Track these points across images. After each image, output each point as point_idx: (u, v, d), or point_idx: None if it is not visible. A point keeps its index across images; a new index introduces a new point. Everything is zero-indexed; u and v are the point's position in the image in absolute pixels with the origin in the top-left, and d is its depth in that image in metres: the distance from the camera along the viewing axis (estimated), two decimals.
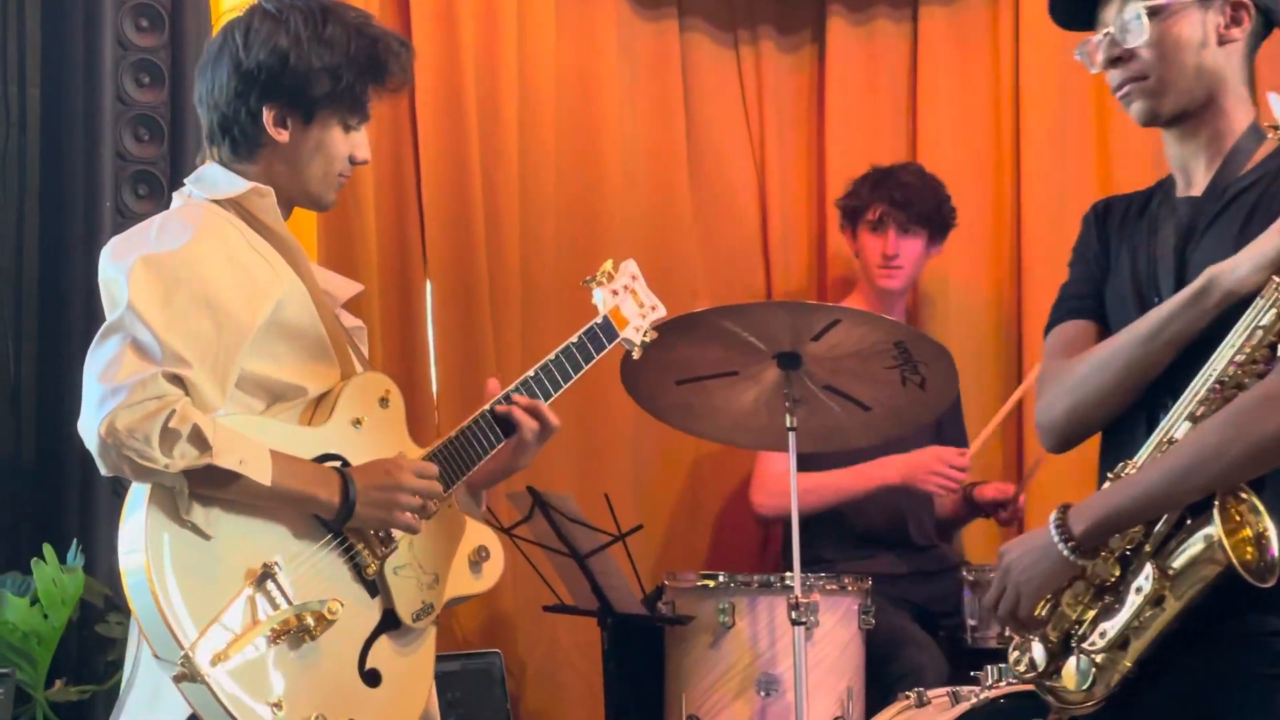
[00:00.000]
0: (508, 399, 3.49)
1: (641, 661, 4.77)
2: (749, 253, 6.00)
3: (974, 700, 4.26)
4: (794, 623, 4.37)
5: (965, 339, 5.70)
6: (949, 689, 4.36)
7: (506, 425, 3.48)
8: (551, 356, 3.59)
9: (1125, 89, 2.95)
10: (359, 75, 3.25)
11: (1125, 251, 3.01)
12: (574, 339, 3.65)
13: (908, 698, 4.42)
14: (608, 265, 3.80)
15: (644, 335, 3.81)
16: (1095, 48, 2.97)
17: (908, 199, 5.33)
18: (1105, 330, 2.98)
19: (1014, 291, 5.86)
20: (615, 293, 3.79)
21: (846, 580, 4.67)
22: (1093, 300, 3.04)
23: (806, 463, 5.02)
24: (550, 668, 5.45)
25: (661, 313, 3.88)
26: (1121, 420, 2.90)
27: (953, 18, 5.98)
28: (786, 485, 4.51)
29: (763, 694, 4.56)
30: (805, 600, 4.39)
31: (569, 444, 5.18)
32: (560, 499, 4.71)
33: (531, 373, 3.55)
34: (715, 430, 4.91)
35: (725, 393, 4.65)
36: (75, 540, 4.50)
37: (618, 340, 3.74)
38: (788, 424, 4.46)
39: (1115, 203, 3.13)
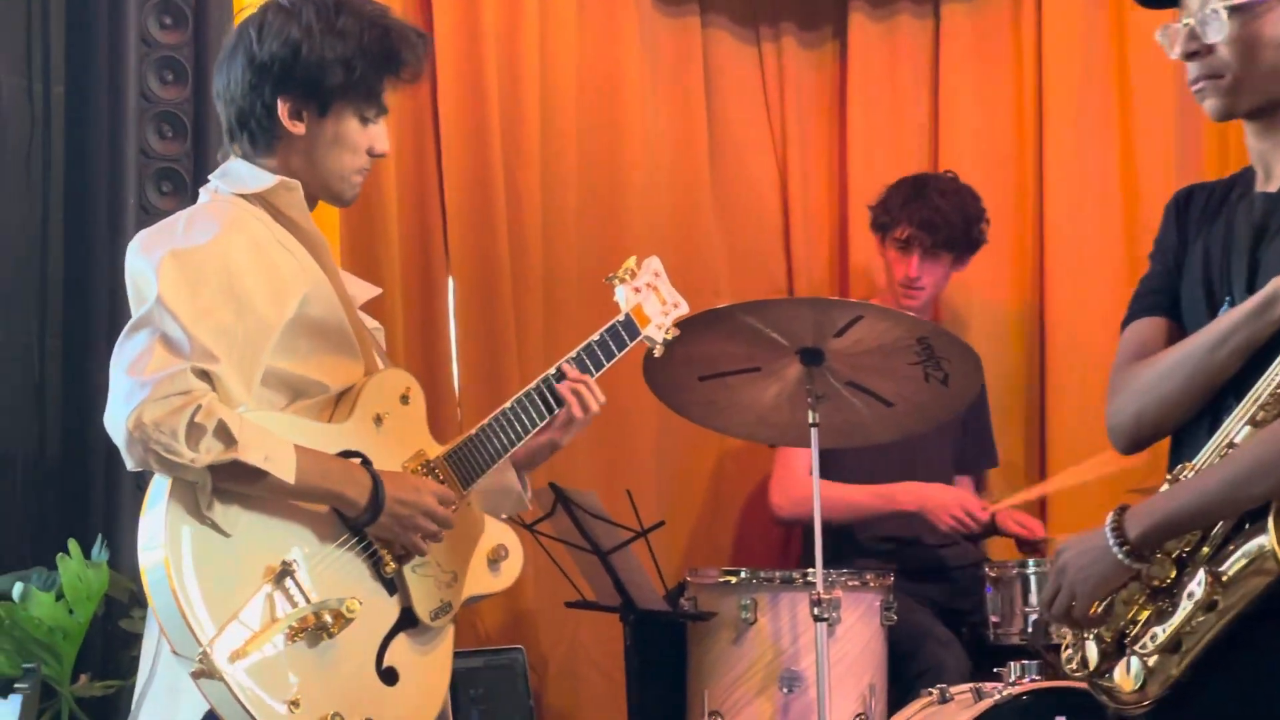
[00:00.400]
0: (540, 390, 3.50)
1: (664, 658, 4.77)
2: (771, 249, 6.00)
3: (997, 697, 4.26)
4: (816, 619, 4.36)
5: (987, 340, 5.70)
6: (972, 685, 4.36)
7: (529, 417, 3.48)
8: (572, 354, 3.60)
9: (1200, 84, 2.87)
10: (372, 65, 3.25)
11: (1200, 246, 2.95)
12: (595, 336, 3.65)
13: (930, 694, 4.42)
14: (630, 262, 3.80)
15: (666, 333, 3.80)
16: (1175, 35, 2.88)
17: (936, 223, 5.28)
18: (1179, 327, 2.94)
19: (1036, 291, 5.85)
20: (637, 290, 3.78)
21: (869, 576, 4.67)
22: (1167, 296, 2.99)
23: (830, 464, 5.03)
24: (572, 664, 5.45)
25: (684, 310, 3.87)
26: (1187, 419, 2.87)
27: (974, 13, 5.97)
28: (805, 488, 4.51)
29: (785, 690, 4.56)
30: (828, 596, 4.38)
31: (591, 440, 5.18)
32: (583, 495, 4.71)
33: (552, 370, 3.55)
34: (738, 426, 4.91)
35: (748, 388, 4.64)
36: (100, 535, 4.51)
37: (639, 338, 3.74)
38: (810, 420, 4.46)
39: (1198, 191, 3.05)
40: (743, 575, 4.64)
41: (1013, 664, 4.33)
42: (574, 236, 5.58)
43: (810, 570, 4.45)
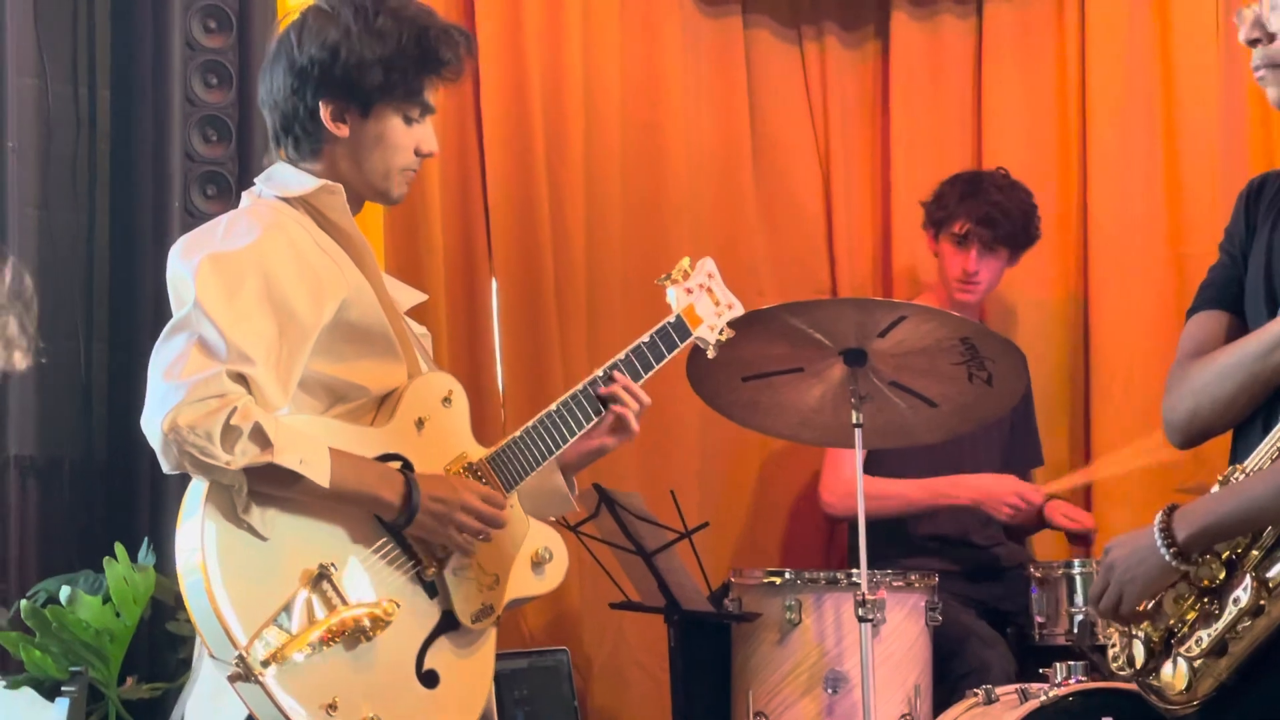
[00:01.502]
0: (587, 391, 3.50)
1: (708, 658, 4.77)
2: (814, 249, 5.99)
3: (1042, 698, 4.25)
4: (861, 619, 4.36)
5: (1032, 338, 5.69)
6: (1017, 686, 4.35)
7: (573, 421, 3.48)
8: (621, 355, 3.58)
9: (1261, 72, 2.83)
10: (412, 65, 3.25)
11: (1264, 238, 2.91)
12: (645, 338, 3.63)
13: (975, 695, 4.41)
14: (684, 263, 3.77)
15: (719, 333, 3.78)
16: (1244, 20, 2.85)
17: (995, 218, 5.28)
18: (1241, 322, 2.91)
19: (1080, 288, 5.83)
20: (689, 291, 3.76)
21: (913, 577, 4.66)
22: (1231, 289, 2.96)
23: (879, 464, 5.03)
24: (617, 665, 5.45)
25: (738, 311, 3.84)
26: (1242, 420, 2.85)
27: (1018, 11, 5.95)
28: (855, 484, 4.50)
29: (830, 691, 4.56)
30: (872, 597, 4.38)
31: (635, 441, 5.13)
32: (627, 496, 4.71)
33: (600, 372, 3.55)
34: (781, 427, 4.90)
35: (791, 389, 4.64)
36: (146, 539, 4.53)
37: (691, 339, 3.72)
38: (854, 420, 4.45)
39: (1270, 179, 3.00)
40: (787, 576, 4.64)
41: (1058, 665, 4.32)
42: (617, 237, 5.58)
43: (855, 571, 4.45)
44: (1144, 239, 5.73)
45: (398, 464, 3.20)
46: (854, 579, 4.47)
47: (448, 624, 3.23)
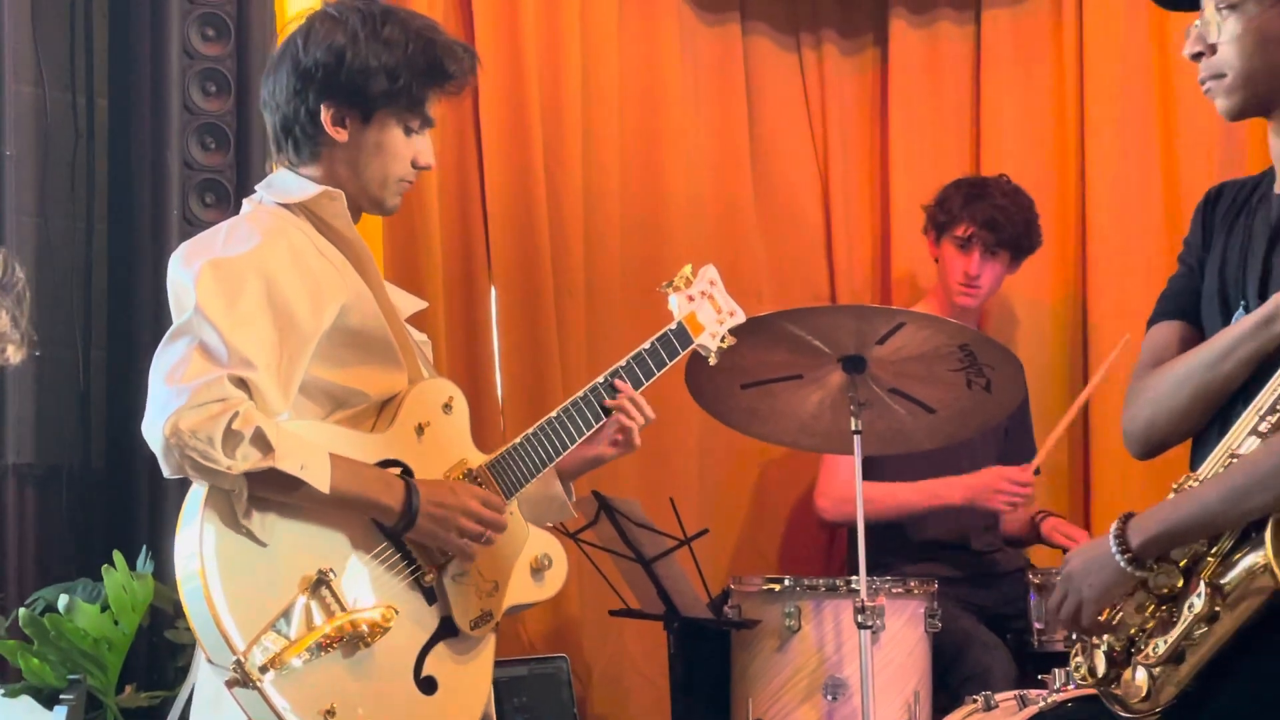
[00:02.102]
0: (587, 399, 3.49)
1: (708, 665, 4.77)
2: (812, 256, 5.99)
3: (1041, 704, 4.24)
4: (860, 626, 4.36)
5: (1030, 345, 5.69)
6: (1016, 693, 4.34)
7: (573, 428, 3.48)
8: (622, 363, 3.58)
9: (1206, 85, 2.86)
10: (416, 76, 3.25)
11: (1219, 247, 2.93)
12: (646, 345, 3.63)
13: (975, 701, 4.40)
14: (686, 270, 3.78)
15: (721, 341, 3.78)
16: (1188, 36, 2.88)
17: (999, 221, 5.29)
18: (1199, 332, 2.92)
19: (1079, 293, 5.84)
20: (691, 298, 3.75)
21: (912, 584, 4.66)
22: (1188, 299, 2.97)
23: (876, 470, 5.03)
24: (616, 672, 5.45)
25: (740, 319, 3.83)
26: (1199, 428, 2.86)
27: (1016, 19, 5.96)
28: (851, 491, 4.50)
29: (829, 698, 4.56)
30: (871, 604, 4.38)
31: None
32: (626, 503, 4.71)
33: (601, 379, 3.55)
34: (780, 434, 4.90)
35: (790, 396, 4.65)
36: (145, 546, 4.53)
37: (692, 346, 3.72)
38: (853, 427, 4.46)
39: (1227, 189, 3.02)
40: (786, 583, 4.64)
41: (1057, 671, 4.31)
42: (616, 244, 5.58)
43: (854, 578, 4.45)
44: (1142, 244, 5.73)
45: (397, 470, 3.20)
46: (853, 586, 4.47)
47: (446, 630, 3.23)
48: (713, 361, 3.78)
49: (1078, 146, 5.86)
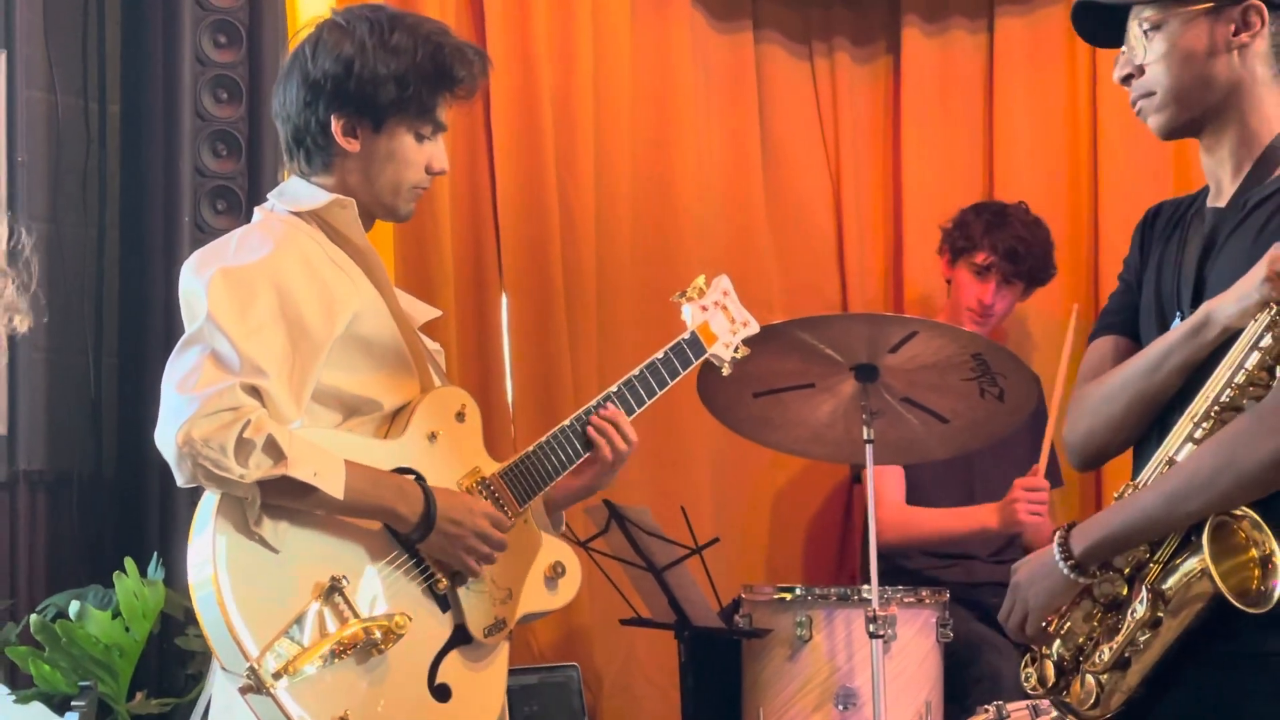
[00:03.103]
0: (590, 412, 3.49)
1: (719, 675, 4.77)
2: (824, 265, 5.99)
3: (1054, 714, 4.23)
4: (872, 636, 4.36)
5: (1042, 356, 5.67)
6: (1028, 702, 4.33)
7: (586, 439, 3.48)
8: (636, 372, 3.58)
9: (1138, 105, 2.94)
10: (426, 82, 3.24)
11: (1154, 262, 2.98)
12: (659, 354, 3.63)
13: (986, 710, 4.39)
14: (699, 280, 3.78)
15: (734, 351, 3.78)
16: (1117, 63, 2.96)
17: (1019, 253, 5.29)
18: (1136, 345, 2.95)
19: (1090, 304, 5.82)
20: (705, 309, 3.76)
21: (924, 593, 4.65)
22: (1126, 314, 3.02)
23: (911, 491, 5.04)
24: (627, 681, 5.44)
25: (754, 329, 3.84)
26: (1136, 437, 2.91)
27: (1029, 28, 5.95)
28: (904, 515, 4.50)
29: (841, 707, 4.55)
30: (883, 613, 4.38)
31: (645, 457, 5.17)
32: (637, 512, 4.70)
33: (615, 388, 3.54)
34: (792, 443, 4.90)
35: (802, 405, 4.64)
36: (156, 553, 4.52)
37: (705, 356, 3.72)
38: (865, 436, 4.45)
39: (1165, 207, 3.09)
40: (798, 592, 4.63)
41: None
42: (627, 253, 5.57)
43: (866, 586, 4.45)
44: None
45: (411, 477, 3.20)
46: (865, 595, 4.46)
47: (460, 638, 3.23)
48: (726, 372, 3.78)
49: (1090, 156, 5.85)
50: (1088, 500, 5.73)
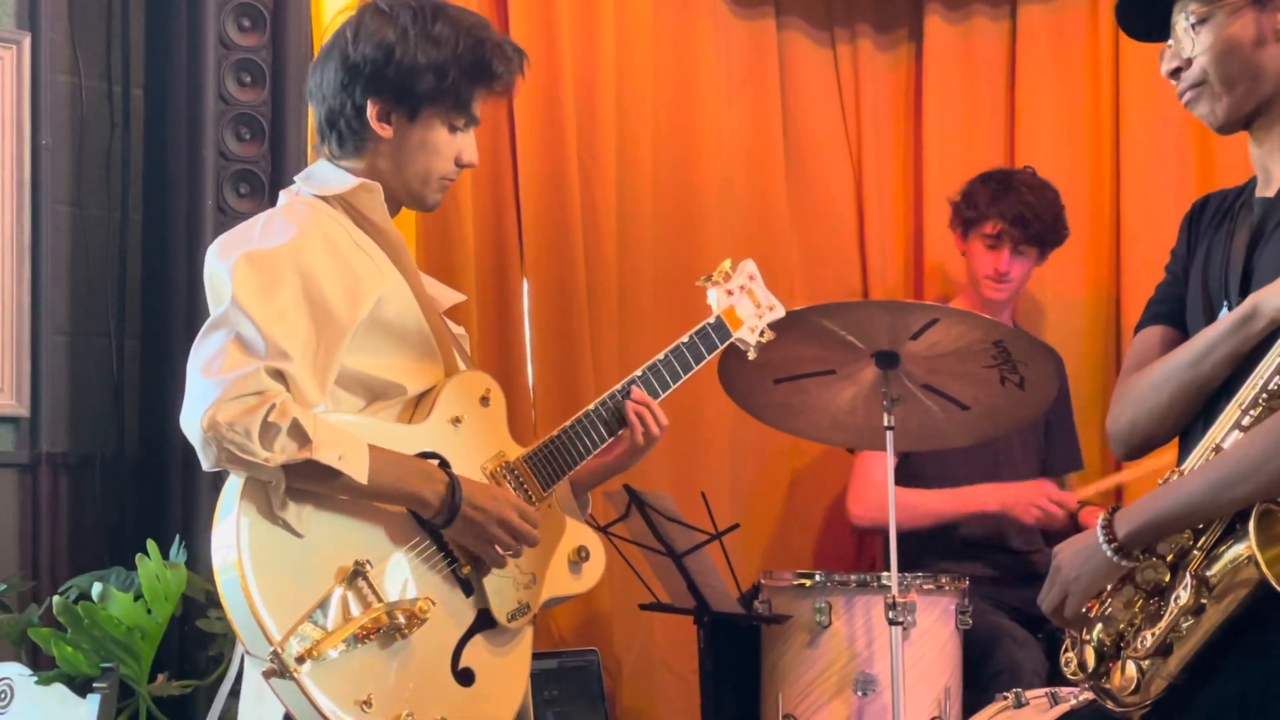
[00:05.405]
0: (625, 393, 3.50)
1: (738, 660, 4.77)
2: (846, 251, 5.99)
3: (1072, 701, 4.23)
4: (891, 622, 4.36)
5: (1064, 339, 5.68)
6: (1047, 690, 4.34)
7: (612, 423, 3.48)
8: (661, 356, 3.58)
9: (1186, 96, 2.94)
10: (464, 75, 3.25)
11: (1203, 253, 3.00)
12: (684, 339, 3.64)
13: (1005, 698, 4.40)
14: (725, 265, 3.78)
15: (760, 335, 3.79)
16: (1163, 57, 2.96)
17: (1027, 218, 5.30)
18: (1183, 336, 2.97)
19: (1113, 290, 5.82)
20: (730, 293, 3.76)
21: (943, 580, 4.65)
22: (1173, 304, 3.04)
23: (919, 473, 5.03)
24: (647, 666, 5.45)
25: (780, 314, 3.85)
26: (1181, 427, 2.91)
27: (1052, 14, 5.95)
28: (883, 496, 4.50)
29: (860, 694, 4.55)
30: (902, 600, 4.38)
31: (666, 442, 5.11)
32: (657, 497, 4.71)
33: (639, 372, 3.55)
34: (813, 429, 4.90)
35: (823, 392, 4.64)
36: (178, 536, 4.53)
37: (731, 340, 3.73)
38: (885, 423, 4.45)
39: (1212, 199, 3.10)
40: (817, 578, 4.64)
41: None
42: (649, 239, 5.58)
43: (885, 573, 4.45)
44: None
45: (436, 462, 3.20)
46: (884, 582, 4.47)
47: (484, 622, 3.24)
48: (751, 356, 3.79)
49: (1112, 143, 5.85)
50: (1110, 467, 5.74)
